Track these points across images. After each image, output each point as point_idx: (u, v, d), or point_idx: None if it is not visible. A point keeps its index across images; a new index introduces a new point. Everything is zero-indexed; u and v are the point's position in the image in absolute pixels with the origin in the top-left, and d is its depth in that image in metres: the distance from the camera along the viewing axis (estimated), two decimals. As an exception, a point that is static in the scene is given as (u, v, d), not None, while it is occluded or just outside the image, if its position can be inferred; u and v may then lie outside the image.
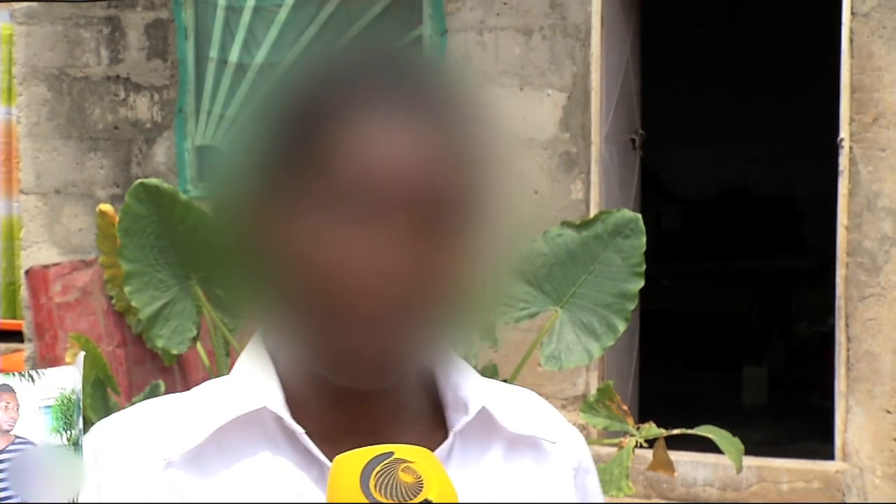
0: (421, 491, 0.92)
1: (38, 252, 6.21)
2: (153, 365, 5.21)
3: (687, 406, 6.61)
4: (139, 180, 4.16)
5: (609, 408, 3.48)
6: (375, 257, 1.01)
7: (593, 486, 1.21)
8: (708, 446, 3.54)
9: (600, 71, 5.52)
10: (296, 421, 1.08)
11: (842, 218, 5.21)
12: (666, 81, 8.69)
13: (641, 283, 3.66)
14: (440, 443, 1.10)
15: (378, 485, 0.92)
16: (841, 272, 5.22)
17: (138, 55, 6.14)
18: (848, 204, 5.20)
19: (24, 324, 5.83)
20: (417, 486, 0.92)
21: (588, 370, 5.51)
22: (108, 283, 5.20)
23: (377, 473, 0.92)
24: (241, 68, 5.90)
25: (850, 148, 5.20)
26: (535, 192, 5.51)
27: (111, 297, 5.27)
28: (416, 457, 0.94)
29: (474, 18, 5.65)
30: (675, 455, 3.66)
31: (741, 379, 7.53)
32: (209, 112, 5.99)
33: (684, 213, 9.79)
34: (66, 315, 5.36)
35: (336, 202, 1.01)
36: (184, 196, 4.15)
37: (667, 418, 3.88)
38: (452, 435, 1.10)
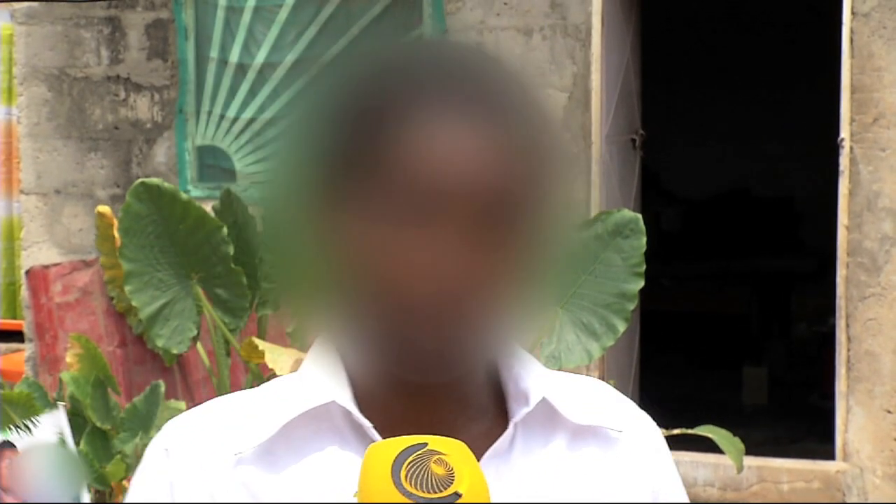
0: (452, 483, 0.92)
1: (38, 252, 6.21)
2: (153, 365, 5.21)
3: (687, 406, 6.60)
4: (140, 180, 4.17)
5: (609, 408, 3.47)
6: (434, 256, 1.02)
7: (667, 472, 1.20)
8: (708, 446, 3.54)
9: (600, 71, 5.52)
10: (363, 416, 1.09)
11: (842, 218, 5.21)
12: (666, 81, 8.69)
13: (641, 283, 3.66)
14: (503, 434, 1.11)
15: (409, 475, 0.92)
16: (841, 272, 5.22)
17: (138, 55, 6.14)
18: (848, 204, 5.20)
19: (25, 324, 5.83)
20: (449, 478, 0.93)
21: (588, 370, 5.51)
22: (109, 284, 5.20)
23: (409, 464, 0.93)
24: (242, 68, 5.90)
25: (851, 148, 5.20)
26: (536, 192, 5.51)
27: (111, 298, 5.27)
28: (450, 449, 0.95)
29: (474, 18, 5.65)
30: (676, 455, 3.65)
31: (741, 379, 7.53)
32: (209, 112, 6.00)
33: (684, 213, 9.79)
34: (67, 315, 5.36)
35: (394, 202, 1.02)
36: (184, 196, 4.15)
37: (667, 418, 3.87)
38: (512, 426, 1.11)
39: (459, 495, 0.92)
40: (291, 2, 5.79)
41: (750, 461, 5.03)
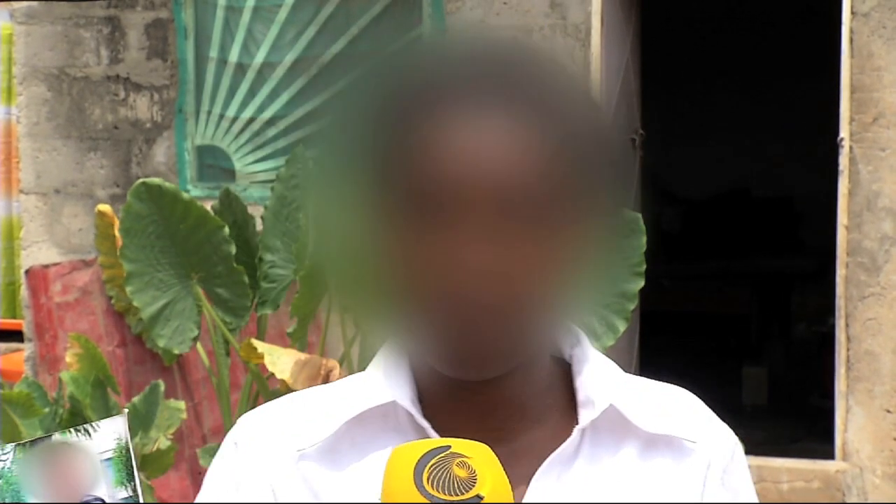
0: (474, 486, 0.93)
1: (38, 252, 6.21)
2: (153, 365, 5.21)
3: (687, 406, 6.59)
4: (141, 180, 4.17)
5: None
6: (457, 256, 1.01)
7: (742, 488, 1.18)
8: (708, 446, 3.54)
9: (600, 71, 5.52)
10: (428, 417, 1.09)
11: (842, 218, 5.21)
12: (666, 81, 8.68)
13: (641, 283, 3.66)
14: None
15: (431, 477, 0.93)
16: (841, 272, 5.21)
17: (138, 55, 6.14)
18: (848, 204, 5.20)
19: (24, 324, 5.82)
20: (471, 481, 0.93)
21: (588, 370, 5.50)
22: (108, 284, 5.20)
23: (431, 466, 0.93)
24: (241, 68, 5.90)
25: (850, 148, 5.20)
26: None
27: (111, 298, 5.26)
28: (473, 452, 0.95)
29: (474, 18, 5.65)
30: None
31: (741, 379, 7.52)
32: (209, 112, 5.99)
33: (684, 213, 9.79)
34: (66, 315, 5.36)
35: (417, 202, 1.02)
36: (185, 196, 4.15)
37: (667, 418, 3.87)
38: (576, 431, 1.10)
39: (481, 498, 0.92)
40: (291, 1, 5.78)
41: (750, 461, 5.01)
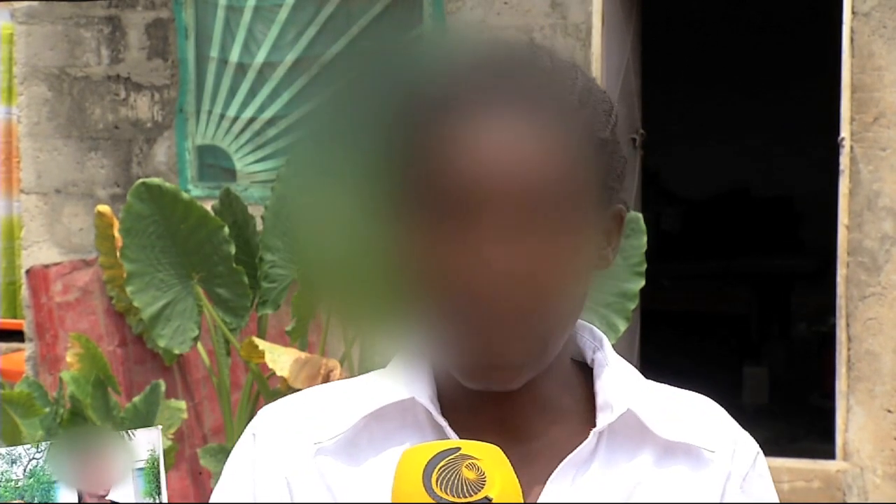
0: (483, 487, 0.93)
1: (38, 252, 6.21)
2: (153, 364, 5.21)
3: (687, 406, 6.59)
4: (141, 180, 4.17)
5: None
6: (479, 256, 1.01)
7: (762, 493, 1.16)
8: (708, 446, 3.54)
9: (600, 71, 5.52)
10: (446, 415, 1.09)
11: (842, 217, 5.21)
12: (666, 81, 8.68)
13: (642, 282, 3.66)
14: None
15: (440, 479, 0.93)
16: (841, 272, 5.22)
17: (139, 55, 6.14)
18: (848, 203, 5.20)
19: (25, 323, 5.82)
20: (479, 483, 0.93)
21: (588, 370, 5.50)
22: (108, 284, 5.20)
23: (440, 468, 0.93)
24: (242, 68, 5.90)
25: (851, 147, 5.20)
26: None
27: (111, 298, 5.27)
28: (483, 454, 0.95)
29: (475, 18, 5.65)
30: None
31: (741, 379, 7.52)
32: (209, 112, 5.99)
33: (684, 213, 9.79)
34: (67, 315, 5.36)
35: (439, 202, 1.02)
36: (186, 196, 4.15)
37: (667, 418, 3.88)
38: (592, 435, 1.09)
39: (490, 500, 0.92)
40: (291, 1, 5.78)
41: (750, 461, 5.02)
